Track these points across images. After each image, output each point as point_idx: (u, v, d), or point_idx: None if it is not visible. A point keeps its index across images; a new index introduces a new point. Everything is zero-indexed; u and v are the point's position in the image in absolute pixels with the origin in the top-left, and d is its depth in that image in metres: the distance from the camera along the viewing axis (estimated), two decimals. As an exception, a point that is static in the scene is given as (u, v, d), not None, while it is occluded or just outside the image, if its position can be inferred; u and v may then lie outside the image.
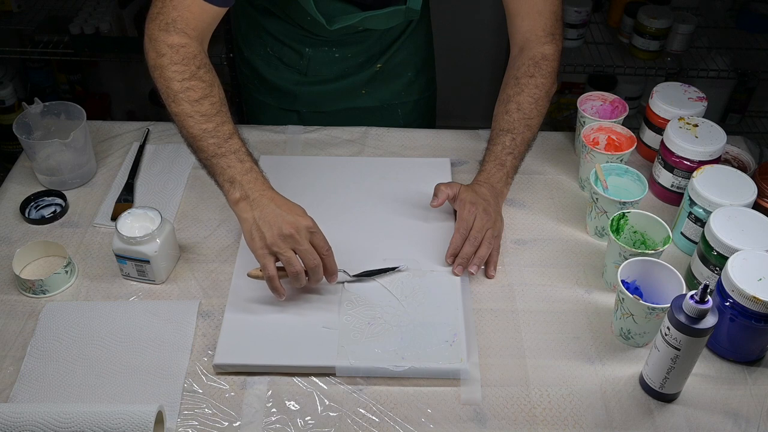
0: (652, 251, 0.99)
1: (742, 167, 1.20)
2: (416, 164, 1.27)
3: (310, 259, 0.96)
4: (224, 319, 1.00)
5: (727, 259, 0.94)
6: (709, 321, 0.83)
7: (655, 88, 1.26)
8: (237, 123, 1.05)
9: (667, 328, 0.85)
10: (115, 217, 1.15)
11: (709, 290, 0.81)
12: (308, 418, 0.91)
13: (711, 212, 1.02)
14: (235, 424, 0.90)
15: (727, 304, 0.92)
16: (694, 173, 1.08)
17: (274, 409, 0.92)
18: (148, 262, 1.03)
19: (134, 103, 2.52)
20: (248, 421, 0.90)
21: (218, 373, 0.96)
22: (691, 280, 1.04)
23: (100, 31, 2.06)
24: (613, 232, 1.03)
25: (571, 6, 2.04)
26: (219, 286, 1.06)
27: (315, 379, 0.95)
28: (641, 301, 0.92)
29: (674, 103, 1.22)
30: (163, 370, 0.95)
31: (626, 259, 0.98)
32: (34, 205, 1.18)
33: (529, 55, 1.16)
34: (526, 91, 1.15)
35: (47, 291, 1.04)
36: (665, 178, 1.19)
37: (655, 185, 1.22)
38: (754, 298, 0.89)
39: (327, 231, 0.99)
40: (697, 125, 1.17)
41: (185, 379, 0.94)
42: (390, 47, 1.35)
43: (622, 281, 0.96)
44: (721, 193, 1.05)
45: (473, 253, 1.06)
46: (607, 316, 1.03)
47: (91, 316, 1.01)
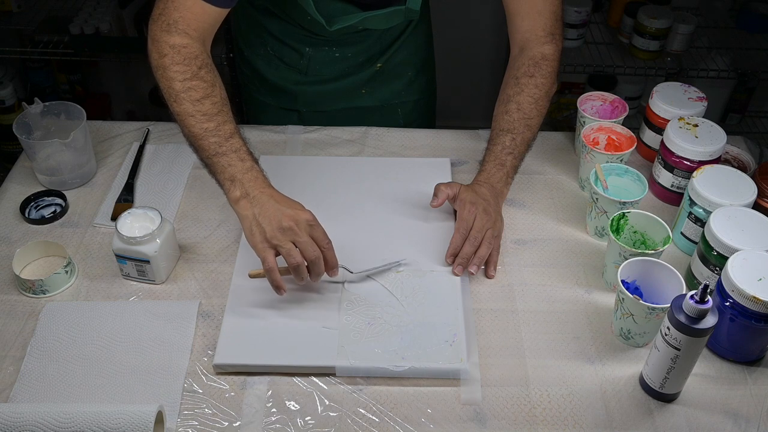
0: (652, 251, 0.99)
1: (742, 167, 1.20)
2: (416, 164, 1.27)
3: (311, 251, 0.95)
4: (224, 319, 1.00)
5: (727, 259, 0.94)
6: (709, 321, 0.83)
7: (655, 88, 1.26)
8: (237, 123, 1.05)
9: (667, 328, 0.85)
10: (115, 217, 1.15)
11: (709, 290, 0.81)
12: (308, 418, 0.91)
13: (711, 212, 1.02)
14: (235, 424, 0.90)
15: (727, 304, 0.92)
16: (694, 173, 1.08)
17: (274, 409, 0.92)
18: (148, 262, 1.03)
19: (134, 103, 2.52)
20: (248, 421, 0.90)
21: (218, 373, 0.96)
22: (691, 280, 1.05)
23: (100, 31, 2.06)
24: (613, 232, 1.03)
25: (571, 6, 2.04)
26: (219, 286, 1.06)
27: (315, 379, 0.95)
28: (641, 301, 0.92)
29: (674, 103, 1.22)
30: (163, 370, 0.95)
31: (626, 259, 0.98)
32: (34, 205, 1.18)
33: (529, 55, 1.16)
34: (526, 91, 1.15)
35: (47, 291, 1.04)
36: (665, 178, 1.19)
37: (655, 185, 1.22)
38: (754, 298, 0.89)
39: (327, 231, 0.98)
40: (697, 125, 1.17)
41: (185, 379, 0.94)
42: (390, 47, 1.35)
43: (622, 281, 0.96)
44: (721, 193, 1.05)
45: (473, 253, 1.06)
46: (607, 316, 1.03)
47: (91, 316, 1.01)
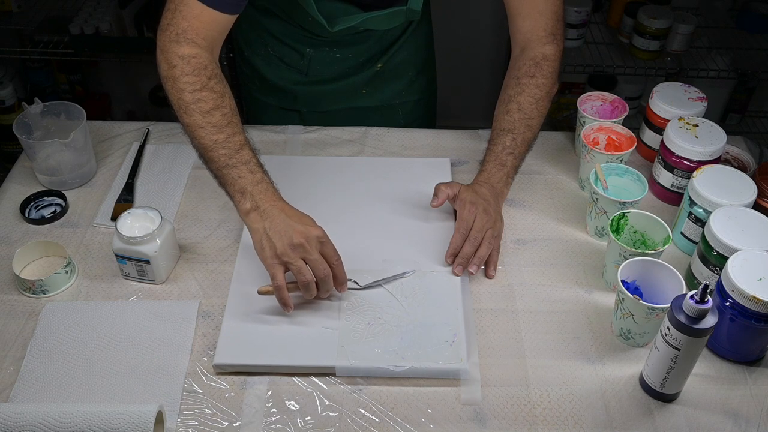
0: (652, 251, 0.99)
1: (742, 167, 1.20)
2: (416, 164, 1.27)
3: (321, 269, 0.96)
4: (224, 318, 1.00)
5: (727, 259, 0.94)
6: (709, 321, 0.83)
7: (655, 88, 1.26)
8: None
9: (667, 328, 0.85)
10: (115, 217, 1.15)
11: (709, 290, 0.81)
12: (308, 418, 0.91)
13: (711, 212, 1.02)
14: (235, 424, 0.90)
15: (727, 304, 0.92)
16: (694, 173, 1.08)
17: (274, 409, 0.92)
18: (148, 262, 1.03)
19: (134, 103, 2.52)
20: (248, 421, 0.90)
21: (218, 373, 0.96)
22: (691, 280, 1.05)
23: (100, 31, 2.06)
24: (613, 232, 1.03)
25: (571, 6, 2.05)
26: (219, 286, 1.06)
27: (315, 379, 0.95)
28: (641, 301, 0.92)
29: (674, 103, 1.22)
30: (163, 370, 0.95)
31: (626, 259, 0.98)
32: (34, 205, 1.18)
33: (530, 56, 1.16)
34: (527, 91, 1.15)
35: (47, 291, 1.04)
36: (665, 178, 1.19)
37: (655, 185, 1.22)
38: (754, 298, 0.89)
39: (327, 231, 0.98)
40: (697, 125, 1.17)
41: (185, 379, 0.94)
42: (391, 47, 1.35)
43: (622, 281, 0.96)
44: (721, 193, 1.05)
45: (473, 253, 1.06)
46: (607, 316, 1.03)
47: (91, 316, 1.01)
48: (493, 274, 1.09)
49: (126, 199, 1.20)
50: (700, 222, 1.07)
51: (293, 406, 0.92)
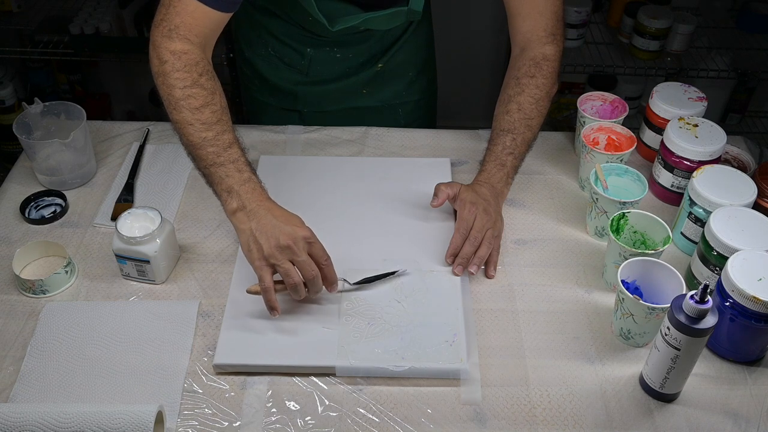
0: (652, 251, 0.99)
1: (742, 167, 1.20)
2: (416, 164, 1.27)
3: (308, 270, 0.95)
4: (224, 318, 1.00)
5: (727, 259, 0.94)
6: (709, 321, 0.83)
7: (655, 88, 1.26)
8: (237, 123, 1.04)
9: (667, 328, 0.85)
10: (115, 217, 1.15)
11: (709, 290, 0.81)
12: (308, 418, 0.91)
13: (711, 212, 1.02)
14: (235, 424, 0.90)
15: (727, 304, 0.92)
16: (694, 173, 1.08)
17: (274, 409, 0.92)
18: (148, 262, 1.03)
19: (134, 103, 2.52)
20: (248, 421, 0.90)
21: (218, 373, 0.96)
22: (691, 280, 1.05)
23: (100, 31, 2.06)
24: (613, 232, 1.03)
25: (571, 6, 2.05)
26: (219, 286, 1.06)
27: (315, 379, 0.95)
28: (641, 301, 0.92)
29: (674, 103, 1.22)
30: (163, 370, 0.95)
31: (626, 259, 0.98)
32: (34, 205, 1.18)
33: (530, 56, 1.16)
34: (527, 91, 1.15)
35: (47, 291, 1.04)
36: (665, 178, 1.19)
37: (655, 185, 1.22)
38: (754, 298, 0.89)
39: (326, 231, 0.99)
40: (697, 125, 1.17)
41: (185, 379, 0.94)
42: (391, 47, 1.35)
43: (622, 281, 0.96)
44: (721, 193, 1.05)
45: (473, 253, 1.06)
46: (607, 316, 1.03)
47: (91, 316, 1.01)
48: (493, 274, 1.09)
49: (126, 199, 1.20)
50: (700, 222, 1.07)
51: (293, 406, 0.92)
